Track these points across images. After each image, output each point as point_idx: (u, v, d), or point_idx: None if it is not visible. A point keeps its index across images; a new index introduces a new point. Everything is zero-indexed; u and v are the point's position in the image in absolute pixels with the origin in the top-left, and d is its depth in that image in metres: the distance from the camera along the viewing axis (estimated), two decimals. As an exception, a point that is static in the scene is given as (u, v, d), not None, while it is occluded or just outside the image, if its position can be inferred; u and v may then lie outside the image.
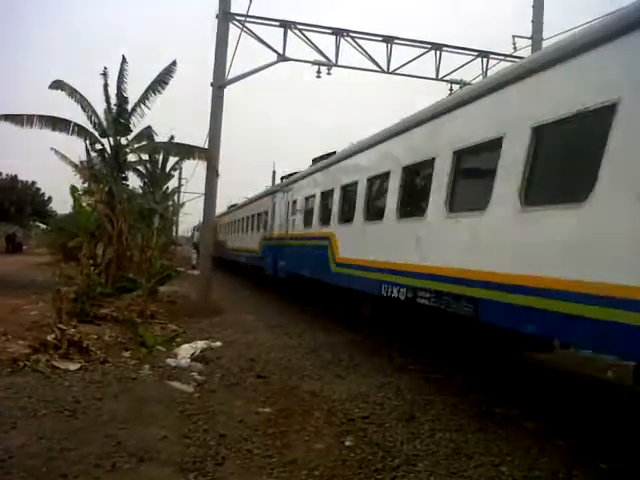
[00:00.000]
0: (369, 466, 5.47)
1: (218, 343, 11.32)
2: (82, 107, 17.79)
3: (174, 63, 18.54)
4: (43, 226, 55.01)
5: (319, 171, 17.11)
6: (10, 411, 6.20)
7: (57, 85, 17.69)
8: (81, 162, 20.89)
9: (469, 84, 18.88)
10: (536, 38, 21.39)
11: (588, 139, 6.48)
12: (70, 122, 17.53)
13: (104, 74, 17.83)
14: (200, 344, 10.79)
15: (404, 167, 10.69)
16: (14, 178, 56.64)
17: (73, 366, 8.35)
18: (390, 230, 11.09)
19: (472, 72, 21.54)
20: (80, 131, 17.76)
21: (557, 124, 6.65)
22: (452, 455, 5.88)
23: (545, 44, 20.41)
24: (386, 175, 11.39)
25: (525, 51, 21.06)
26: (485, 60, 21.14)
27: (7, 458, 4.94)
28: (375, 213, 11.89)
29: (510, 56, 20.90)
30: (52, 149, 18.83)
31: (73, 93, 17.68)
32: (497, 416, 7.32)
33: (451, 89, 20.88)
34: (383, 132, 12.06)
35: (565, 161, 6.86)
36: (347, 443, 6.07)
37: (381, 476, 5.26)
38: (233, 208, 38.42)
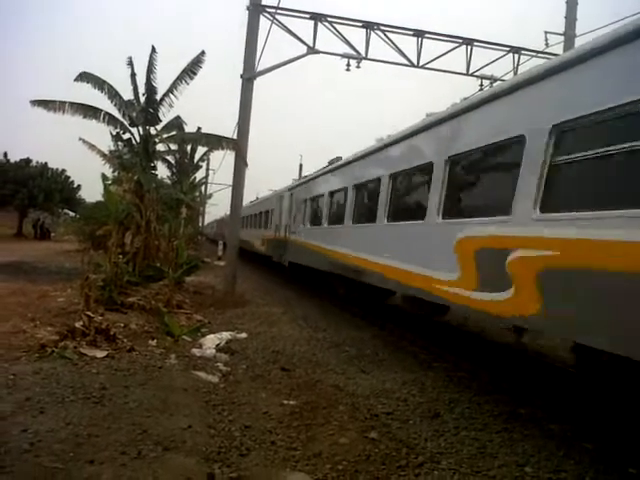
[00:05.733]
0: (393, 462, 5.46)
1: (243, 334, 11.39)
2: (110, 97, 17.80)
3: (203, 53, 18.46)
4: (72, 214, 55.56)
5: None
6: (38, 396, 6.25)
7: (83, 77, 17.65)
8: (110, 151, 21.05)
9: (500, 80, 18.75)
10: (569, 34, 21.15)
11: None
12: (101, 110, 17.58)
13: (130, 64, 17.86)
14: (225, 335, 10.87)
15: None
16: (44, 166, 57.24)
17: (100, 353, 8.40)
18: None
19: (503, 68, 21.36)
20: (110, 120, 17.83)
21: None
22: (476, 454, 5.85)
23: (578, 40, 20.23)
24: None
25: (557, 47, 20.85)
26: (517, 56, 20.93)
27: (36, 442, 5.00)
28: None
29: (542, 52, 20.66)
30: (80, 139, 18.94)
31: (101, 84, 17.68)
32: (522, 416, 7.25)
33: (481, 84, 20.70)
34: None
35: None
36: (371, 438, 6.06)
37: (405, 472, 5.25)
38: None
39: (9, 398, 6.11)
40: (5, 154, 55.33)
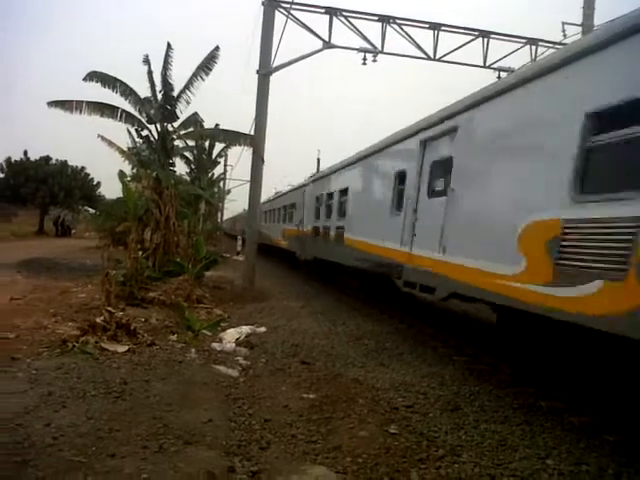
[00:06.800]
0: (413, 455, 5.45)
1: (263, 328, 11.42)
2: (124, 95, 17.70)
3: (217, 49, 18.36)
4: (92, 211, 55.89)
5: None
6: (60, 391, 6.32)
7: (92, 76, 17.48)
8: (129, 148, 21.10)
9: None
10: (587, 25, 20.92)
11: None
12: (118, 108, 17.57)
13: (147, 61, 17.81)
14: (245, 329, 10.91)
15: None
16: (64, 163, 57.59)
17: (121, 348, 8.47)
18: None
19: (521, 59, 21.20)
20: (127, 118, 17.84)
21: None
22: (497, 447, 5.82)
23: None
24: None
25: (575, 38, 20.61)
26: (534, 47, 20.77)
27: (59, 436, 5.06)
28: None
29: (559, 43, 20.49)
30: (99, 136, 18.95)
31: (113, 82, 17.56)
32: (543, 409, 7.21)
33: (499, 77, 20.54)
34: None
35: None
36: (391, 431, 6.06)
37: (425, 465, 5.23)
38: None
39: (32, 393, 6.18)
40: (25, 152, 55.76)
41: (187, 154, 32.73)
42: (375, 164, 14.67)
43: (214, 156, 38.95)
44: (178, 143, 20.22)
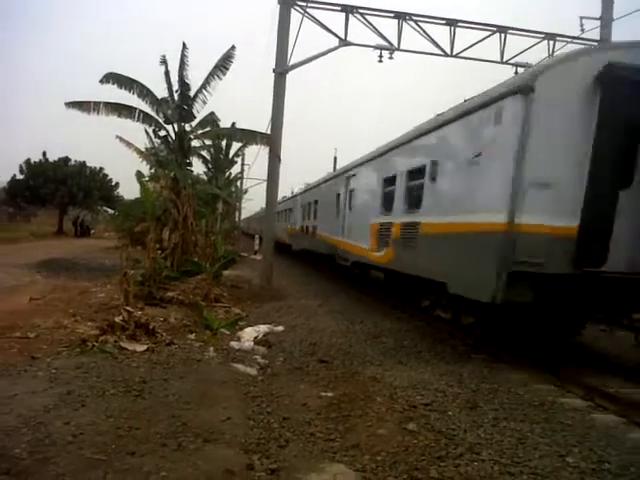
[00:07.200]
0: (432, 453, 5.43)
1: (280, 327, 11.44)
2: (141, 96, 17.73)
3: (233, 48, 18.37)
4: (110, 211, 56.20)
5: None
6: (80, 389, 6.37)
7: (109, 78, 17.47)
8: (146, 149, 21.18)
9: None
10: (605, 18, 20.63)
11: None
12: (135, 109, 17.64)
13: (164, 62, 17.85)
14: (263, 328, 10.93)
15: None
16: (83, 164, 57.96)
17: (140, 347, 8.52)
18: None
19: (538, 55, 21.02)
20: (145, 118, 17.91)
21: None
22: (517, 444, 5.77)
23: (615, 24, 19.81)
24: None
25: (593, 33, 20.40)
26: (552, 43, 20.58)
27: (79, 434, 5.10)
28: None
29: (577, 38, 20.29)
30: (117, 137, 19.01)
31: (130, 84, 17.60)
32: (563, 407, 7.15)
33: (516, 72, 20.37)
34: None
35: None
36: (410, 429, 6.04)
37: (444, 463, 5.21)
38: None
39: (51, 392, 6.24)
40: (44, 153, 56.19)
41: (204, 154, 32.81)
42: (329, 186, 22.82)
43: (231, 155, 39.03)
44: (195, 143, 20.28)
